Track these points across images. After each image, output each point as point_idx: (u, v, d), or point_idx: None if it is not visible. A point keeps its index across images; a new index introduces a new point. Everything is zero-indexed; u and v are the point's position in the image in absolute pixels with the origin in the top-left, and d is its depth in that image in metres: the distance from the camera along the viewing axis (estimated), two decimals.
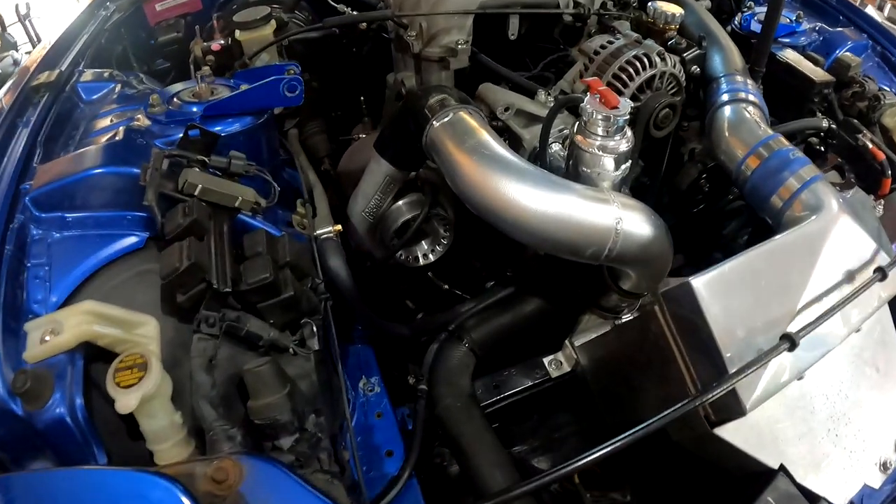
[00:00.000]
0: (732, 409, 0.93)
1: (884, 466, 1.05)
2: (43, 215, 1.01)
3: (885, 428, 1.07)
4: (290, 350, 0.94)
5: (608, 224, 0.99)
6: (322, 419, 0.91)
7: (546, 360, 1.26)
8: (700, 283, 0.95)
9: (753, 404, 0.93)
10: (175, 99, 1.21)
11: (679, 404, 0.82)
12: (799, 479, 0.96)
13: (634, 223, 1.02)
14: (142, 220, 1.03)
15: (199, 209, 0.96)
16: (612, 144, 1.06)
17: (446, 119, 1.08)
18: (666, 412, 0.81)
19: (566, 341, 1.25)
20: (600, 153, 1.06)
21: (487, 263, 1.54)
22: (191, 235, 0.93)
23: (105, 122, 1.24)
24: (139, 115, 1.19)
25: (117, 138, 1.13)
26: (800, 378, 1.00)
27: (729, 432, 0.95)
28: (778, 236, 1.08)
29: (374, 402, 1.11)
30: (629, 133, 1.08)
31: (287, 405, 0.85)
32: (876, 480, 1.04)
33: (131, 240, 1.00)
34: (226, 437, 0.80)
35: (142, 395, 0.81)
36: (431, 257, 1.36)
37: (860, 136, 1.36)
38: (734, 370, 0.87)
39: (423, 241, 1.37)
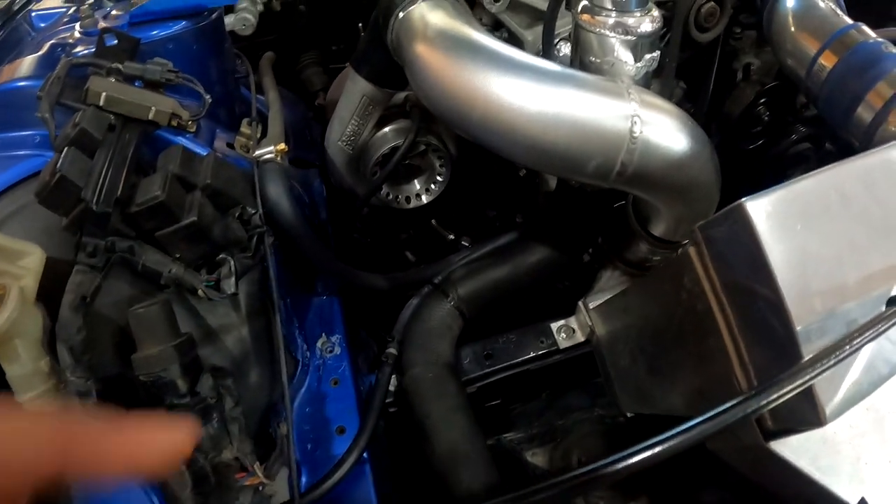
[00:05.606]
0: (802, 415, 0.58)
1: None
2: None
3: None
4: (199, 292, 0.75)
5: (619, 126, 0.70)
6: (229, 381, 0.72)
7: (554, 327, 0.98)
8: (758, 206, 0.56)
9: (835, 412, 0.57)
10: (113, 12, 1.04)
11: (720, 408, 0.52)
12: None
13: (661, 129, 0.72)
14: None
15: (92, 119, 0.77)
16: (631, 22, 0.78)
17: (413, 7, 0.84)
18: (696, 421, 0.51)
19: (579, 303, 0.97)
20: (612, 35, 0.78)
21: (502, 212, 1.29)
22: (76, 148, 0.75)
23: (45, 46, 1.10)
24: (75, 32, 1.04)
25: (40, 53, 0.98)
26: None
27: (791, 448, 0.60)
28: (877, 149, 0.67)
29: (331, 366, 0.90)
30: (655, 11, 0.80)
31: (174, 359, 0.66)
32: None
33: (36, 162, 0.84)
34: (76, 393, 0.61)
35: None
36: (424, 198, 1.13)
37: None
38: (809, 353, 0.53)
39: (415, 180, 1.14)
